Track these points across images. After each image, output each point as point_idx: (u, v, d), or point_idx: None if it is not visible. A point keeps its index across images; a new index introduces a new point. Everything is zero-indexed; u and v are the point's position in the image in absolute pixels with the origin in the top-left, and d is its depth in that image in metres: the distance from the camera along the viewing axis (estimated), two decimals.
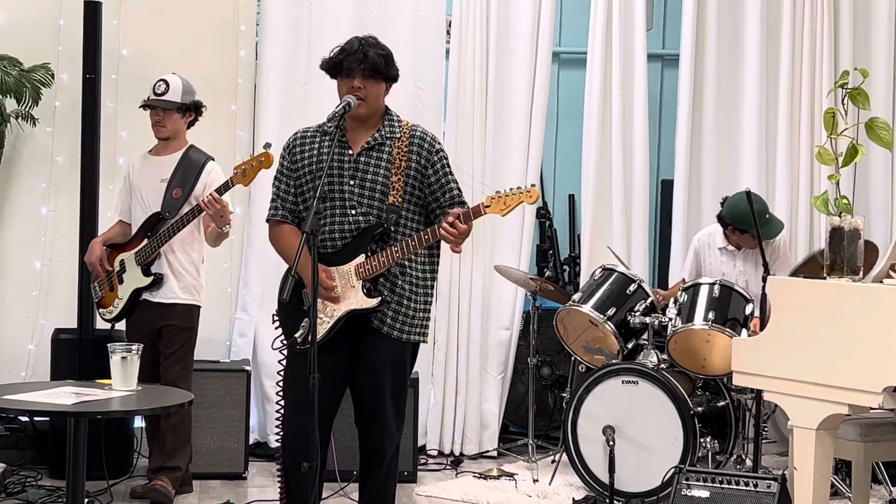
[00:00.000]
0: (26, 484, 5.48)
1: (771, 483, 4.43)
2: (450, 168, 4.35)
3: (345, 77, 4.20)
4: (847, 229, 4.15)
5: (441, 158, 4.32)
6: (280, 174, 4.40)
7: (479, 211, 4.10)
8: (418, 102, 6.41)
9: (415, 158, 4.26)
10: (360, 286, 4.20)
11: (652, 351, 5.67)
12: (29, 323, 6.15)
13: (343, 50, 4.22)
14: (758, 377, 4.30)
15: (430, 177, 4.28)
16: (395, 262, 4.19)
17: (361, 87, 4.18)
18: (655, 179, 7.57)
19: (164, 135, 5.45)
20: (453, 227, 4.04)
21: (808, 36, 6.82)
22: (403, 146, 4.26)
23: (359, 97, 4.18)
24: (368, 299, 4.20)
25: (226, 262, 6.30)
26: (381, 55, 4.21)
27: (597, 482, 5.50)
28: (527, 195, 4.06)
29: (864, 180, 6.78)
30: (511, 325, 6.64)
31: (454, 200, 4.30)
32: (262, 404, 6.34)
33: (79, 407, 3.76)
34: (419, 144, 4.28)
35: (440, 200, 4.29)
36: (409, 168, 4.25)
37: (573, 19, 7.47)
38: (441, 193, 4.30)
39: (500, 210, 4.10)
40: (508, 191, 4.11)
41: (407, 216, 4.27)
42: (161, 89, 5.41)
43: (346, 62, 4.18)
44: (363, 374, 4.28)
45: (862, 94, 4.31)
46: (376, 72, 4.19)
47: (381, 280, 4.23)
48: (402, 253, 4.17)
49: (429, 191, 4.29)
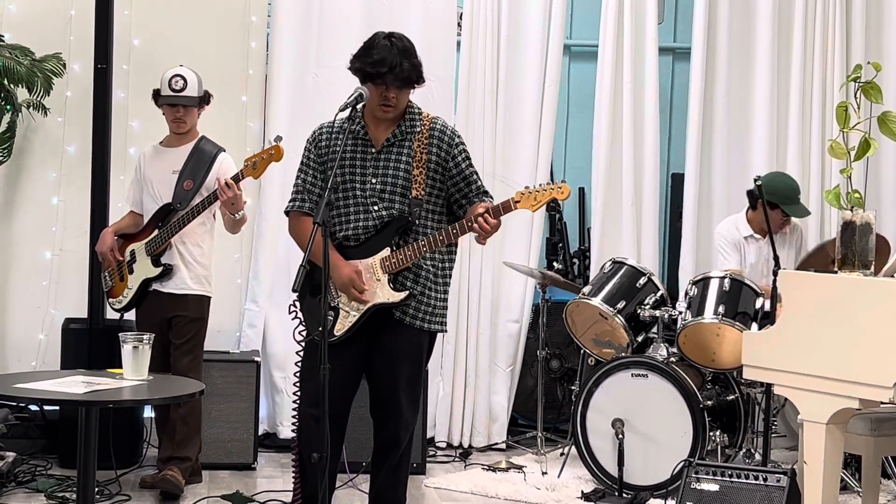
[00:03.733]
0: (36, 473, 5.49)
1: (780, 477, 4.43)
2: (471, 160, 4.37)
3: (379, 85, 4.21)
4: (859, 223, 4.13)
5: (461, 151, 4.33)
6: (306, 166, 4.39)
7: (510, 206, 4.14)
8: (429, 94, 6.36)
9: (435, 151, 4.28)
10: (387, 280, 4.22)
11: (662, 344, 5.66)
12: (39, 312, 6.17)
13: (382, 62, 4.16)
14: (768, 371, 4.29)
15: (452, 169, 4.30)
16: (422, 256, 4.21)
17: (394, 96, 4.21)
18: (666, 173, 7.56)
19: (184, 130, 5.47)
20: (486, 223, 4.06)
21: (819, 29, 6.80)
22: (424, 139, 4.28)
23: (390, 105, 4.21)
24: (396, 293, 4.23)
25: (235, 253, 6.30)
26: (414, 65, 4.22)
27: (606, 475, 5.50)
28: (558, 191, 4.10)
29: (876, 174, 6.77)
30: (520, 318, 6.64)
31: (481, 191, 4.33)
32: (271, 395, 6.35)
33: (90, 396, 3.76)
34: (439, 138, 4.30)
35: (465, 191, 4.32)
36: (430, 161, 4.27)
37: (584, 12, 7.45)
38: (466, 185, 4.32)
39: (530, 205, 4.13)
40: (539, 186, 4.13)
41: (429, 208, 4.28)
42: (179, 85, 5.40)
43: (387, 78, 4.17)
44: (381, 365, 4.30)
45: (875, 87, 4.29)
46: (409, 83, 4.23)
47: (404, 272, 4.24)
48: (429, 247, 4.20)
49: (451, 183, 4.30)
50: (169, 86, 5.41)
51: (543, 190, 4.11)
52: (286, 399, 6.28)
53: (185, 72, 5.44)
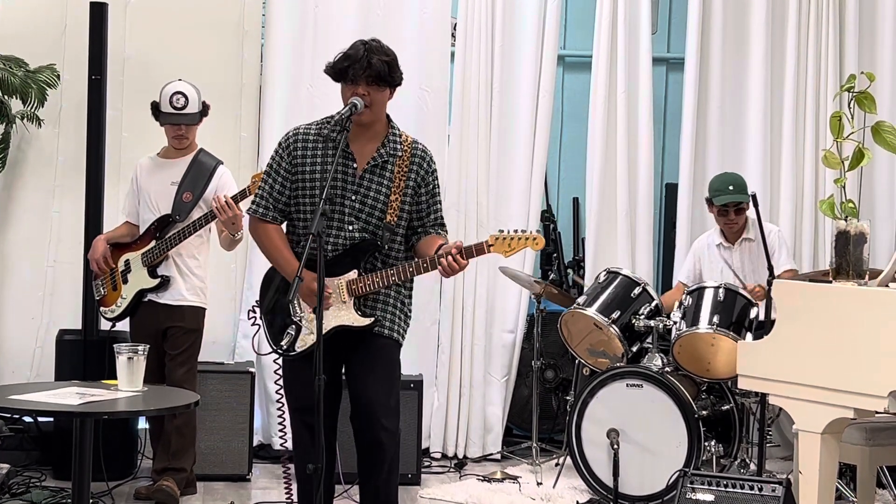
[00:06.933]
0: (30, 485, 5.48)
1: (776, 487, 4.42)
2: (438, 189, 4.40)
3: (349, 84, 4.19)
4: (853, 233, 4.14)
5: (434, 179, 4.36)
6: (275, 172, 4.31)
7: (483, 249, 4.16)
8: (423, 105, 6.41)
9: (413, 177, 4.29)
10: (353, 303, 4.21)
11: (656, 354, 5.67)
12: (34, 323, 6.16)
13: (348, 56, 4.19)
14: (763, 381, 4.29)
15: (423, 195, 4.31)
16: (389, 284, 4.21)
17: (366, 93, 4.17)
18: (660, 183, 7.57)
19: (185, 146, 5.47)
20: (455, 263, 4.08)
21: (813, 40, 6.82)
22: (405, 165, 4.27)
23: (364, 105, 4.17)
24: (361, 318, 4.22)
25: (231, 264, 6.30)
26: (384, 61, 4.19)
27: (601, 485, 5.50)
28: (532, 242, 4.13)
29: (870, 184, 6.77)
30: (515, 328, 6.64)
31: (437, 222, 4.36)
32: (265, 406, 6.34)
33: (85, 407, 3.76)
34: (419, 164, 4.31)
35: (425, 220, 4.34)
36: (408, 187, 4.27)
37: (578, 22, 7.47)
38: (427, 214, 4.34)
39: (503, 251, 4.14)
40: (513, 232, 4.14)
41: (398, 233, 4.29)
42: (181, 103, 5.39)
43: (351, 70, 4.16)
44: (353, 370, 4.30)
45: (868, 97, 4.31)
46: (380, 79, 4.18)
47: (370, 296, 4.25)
48: (397, 277, 4.20)
49: (416, 208, 4.31)
50: (170, 103, 5.39)
51: (518, 238, 4.13)
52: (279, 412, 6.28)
53: (185, 87, 5.43)
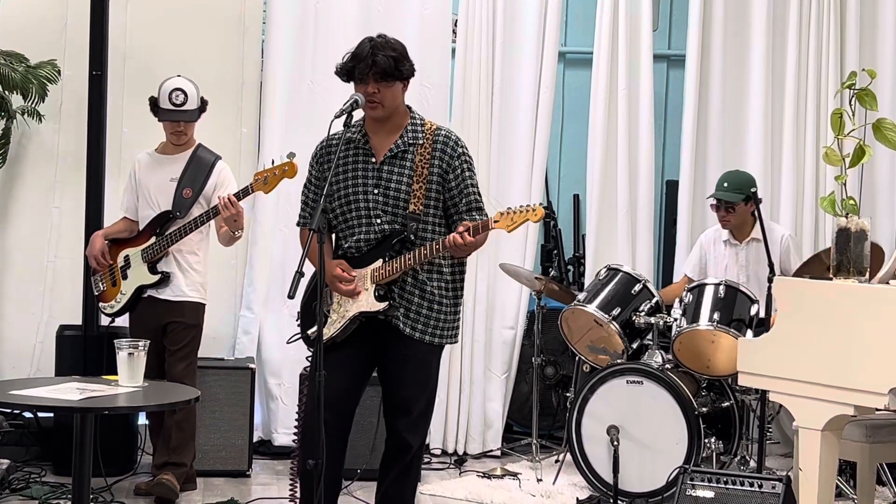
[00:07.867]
0: (30, 480, 5.49)
1: (776, 484, 4.42)
2: (471, 172, 4.34)
3: (359, 84, 4.21)
4: (854, 230, 4.13)
5: (463, 162, 4.30)
6: (310, 182, 4.43)
7: (488, 225, 4.15)
8: (424, 101, 6.39)
9: (437, 164, 4.26)
10: (373, 290, 4.23)
11: (657, 351, 5.67)
12: (34, 319, 6.15)
13: (354, 56, 4.21)
14: (763, 378, 4.29)
15: (451, 181, 4.28)
16: (408, 268, 4.21)
17: (376, 91, 4.18)
18: (660, 180, 7.56)
19: (184, 142, 5.46)
20: (461, 239, 4.07)
21: (814, 36, 6.81)
22: (426, 153, 4.26)
23: (375, 101, 4.19)
24: (377, 302, 4.23)
25: (231, 260, 6.29)
26: (390, 57, 4.19)
27: (601, 482, 5.50)
28: (532, 213, 4.12)
29: (871, 181, 6.77)
30: (515, 325, 6.63)
31: (471, 207, 4.29)
32: (265, 402, 6.34)
33: (85, 402, 3.76)
34: (441, 149, 4.28)
35: (458, 206, 4.30)
36: (432, 174, 4.25)
37: (579, 19, 7.46)
38: (459, 199, 4.29)
39: (506, 226, 4.15)
40: (517, 207, 4.15)
41: (428, 221, 4.27)
42: (180, 100, 5.38)
43: (358, 70, 4.18)
44: (387, 371, 4.34)
45: (870, 94, 4.30)
46: (387, 75, 4.19)
47: (410, 283, 4.24)
48: (414, 261, 4.19)
49: (448, 195, 4.29)
50: (169, 100, 5.38)
51: (519, 211, 4.15)
52: (281, 406, 6.28)
53: (184, 84, 5.42)
